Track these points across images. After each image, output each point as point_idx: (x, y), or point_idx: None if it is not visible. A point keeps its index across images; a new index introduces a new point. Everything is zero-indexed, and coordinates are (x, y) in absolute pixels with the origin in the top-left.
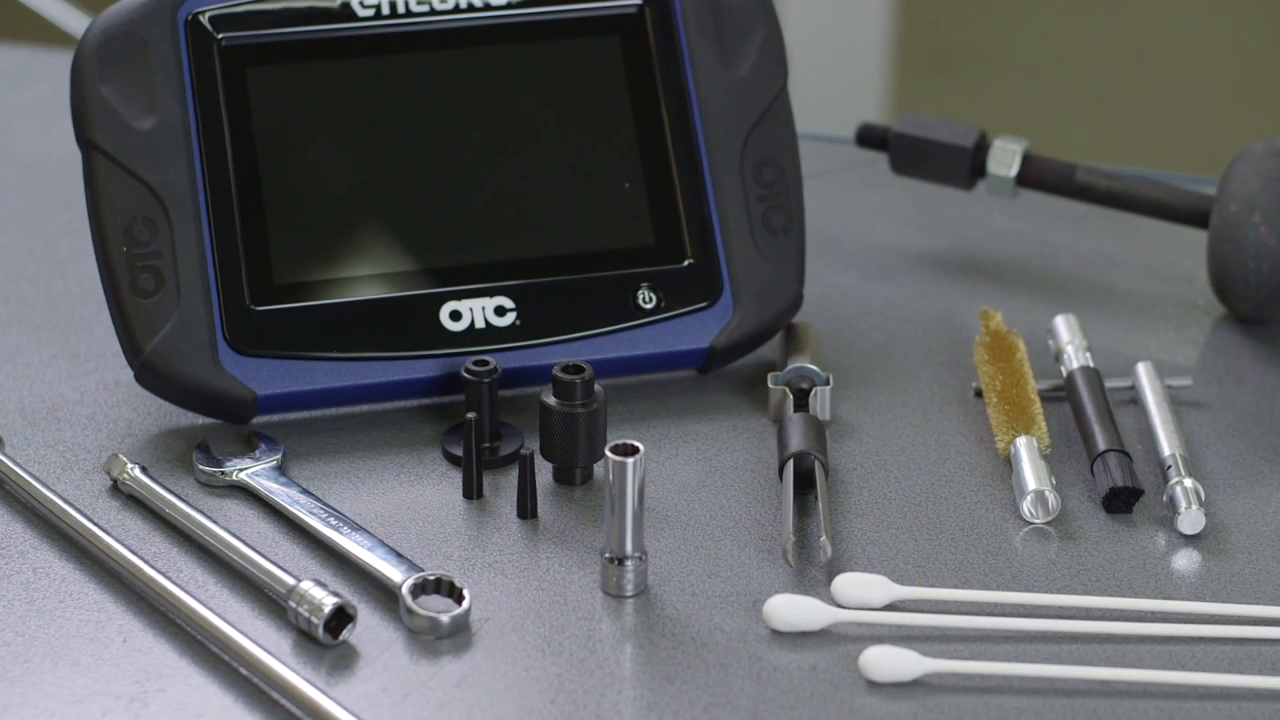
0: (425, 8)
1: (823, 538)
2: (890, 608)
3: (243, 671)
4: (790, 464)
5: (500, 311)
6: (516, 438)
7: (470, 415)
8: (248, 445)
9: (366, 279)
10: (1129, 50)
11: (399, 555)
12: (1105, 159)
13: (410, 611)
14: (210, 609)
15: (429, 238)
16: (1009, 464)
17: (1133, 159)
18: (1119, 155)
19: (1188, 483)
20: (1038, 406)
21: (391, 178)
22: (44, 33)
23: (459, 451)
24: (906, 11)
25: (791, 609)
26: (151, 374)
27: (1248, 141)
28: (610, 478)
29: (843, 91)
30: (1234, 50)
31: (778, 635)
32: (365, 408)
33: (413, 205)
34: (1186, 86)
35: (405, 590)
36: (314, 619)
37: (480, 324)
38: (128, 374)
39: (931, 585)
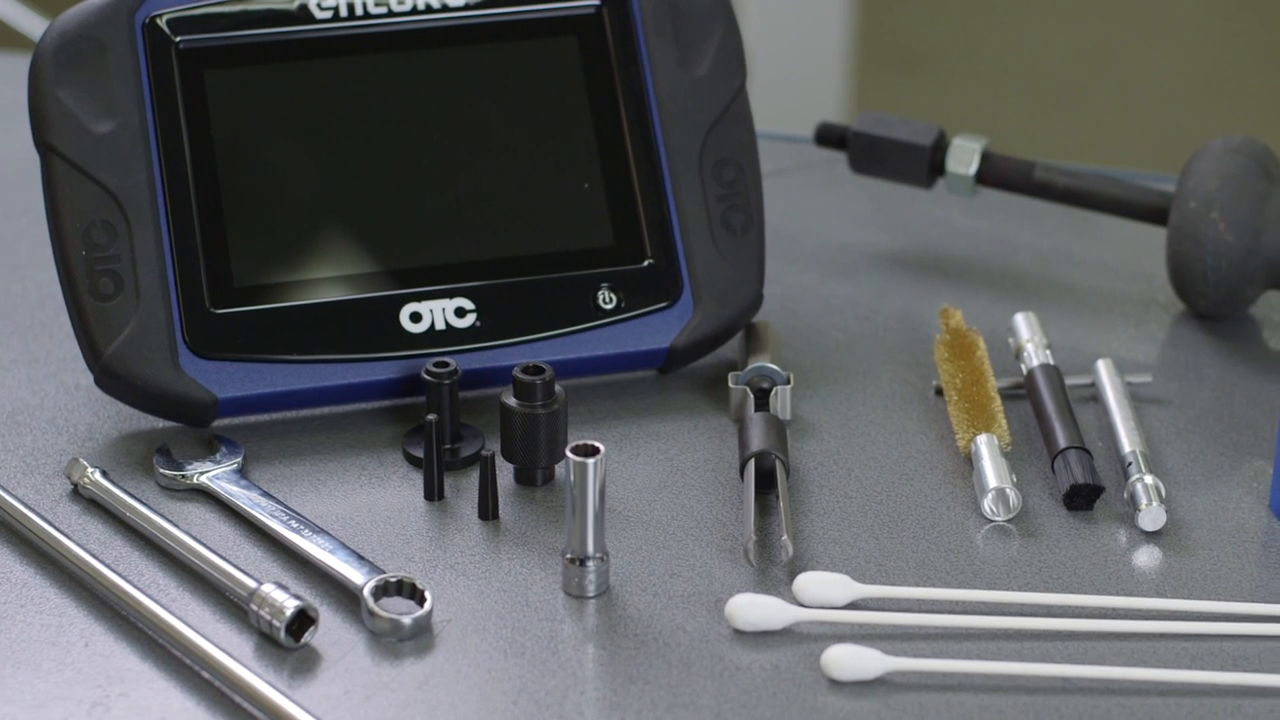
0: (383, 10)
1: (784, 537)
2: (852, 606)
3: (205, 675)
4: (751, 463)
5: (460, 313)
6: (477, 439)
7: (431, 417)
8: (208, 448)
9: (326, 281)
10: (1088, 48)
11: (360, 557)
12: (1064, 157)
13: (372, 613)
14: (172, 612)
15: (388, 239)
16: (970, 462)
17: (1092, 157)
18: (1078, 153)
19: (1148, 479)
20: (998, 404)
21: (350, 180)
22: (1, 36)
23: (420, 453)
24: (866, 10)
25: (753, 608)
26: (111, 378)
27: (1206, 139)
28: (571, 478)
29: (803, 91)
30: (1192, 48)
31: (740, 635)
32: (326, 410)
33: (372, 207)
34: (1145, 84)
35: (367, 592)
36: (276, 622)
37: (440, 325)
38: (88, 378)
39: (893, 584)
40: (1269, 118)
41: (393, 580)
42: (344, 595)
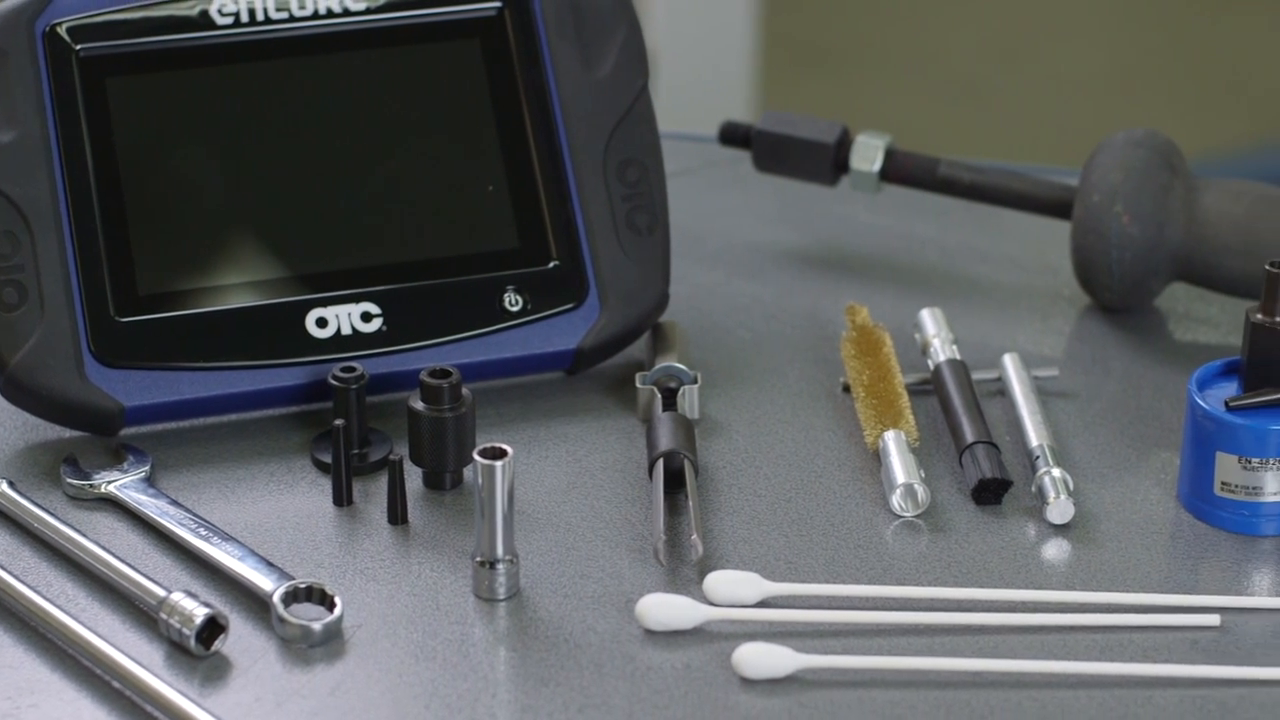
0: (284, 15)
1: (693, 536)
2: (762, 604)
3: (115, 685)
4: (660, 463)
5: (366, 317)
6: (385, 443)
7: (338, 422)
8: (116, 457)
9: (231, 288)
10: (992, 44)
11: (270, 564)
12: (970, 152)
13: (282, 620)
14: (81, 623)
15: (293, 245)
16: (878, 458)
17: (997, 152)
18: (984, 148)
19: (1056, 472)
20: (905, 400)
21: (254, 186)
22: None
23: (328, 459)
24: (770, 8)
25: (664, 608)
26: (16, 388)
27: (1110, 133)
28: (480, 481)
29: (709, 90)
30: (1095, 42)
31: (651, 635)
32: (233, 417)
33: (276, 213)
34: (1049, 79)
35: (277, 599)
36: (185, 630)
37: (346, 330)
38: None
39: (803, 581)
40: (1171, 111)
41: (302, 586)
42: (254, 602)
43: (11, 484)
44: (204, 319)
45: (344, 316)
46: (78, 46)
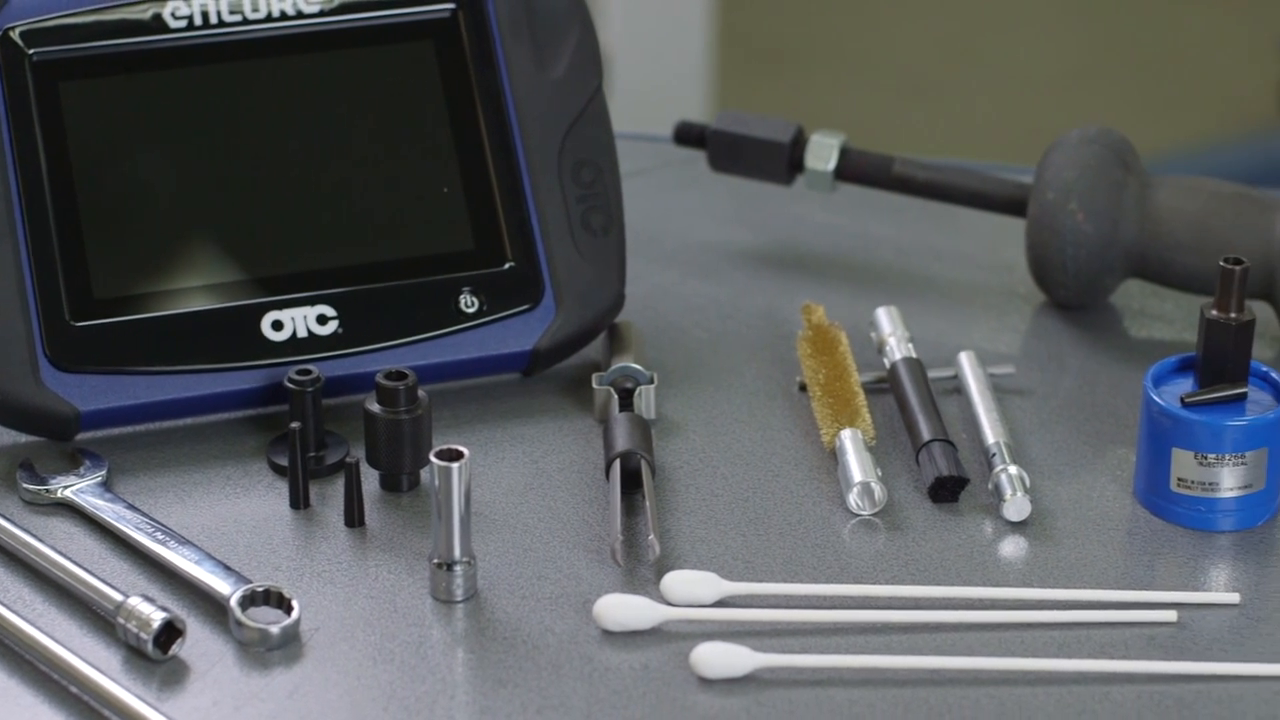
0: (238, 18)
1: (650, 536)
2: (720, 604)
3: (73, 690)
4: (616, 464)
5: (322, 320)
6: (342, 446)
7: (294, 425)
8: (72, 462)
9: (186, 291)
10: (947, 42)
11: (227, 568)
12: (926, 150)
13: (239, 624)
14: (38, 628)
15: (248, 248)
16: (834, 457)
17: (953, 150)
18: (940, 147)
19: (1012, 470)
20: (861, 399)
21: (209, 189)
22: None
23: (284, 462)
24: (725, 8)
25: (621, 609)
26: None
27: (1064, 130)
28: (436, 483)
29: (665, 91)
30: (1050, 41)
31: (609, 635)
32: (189, 421)
33: (231, 216)
34: (1004, 77)
35: (234, 602)
36: (143, 634)
37: (302, 333)
38: None
39: (761, 580)
40: (1125, 108)
41: (260, 590)
42: (211, 606)
43: None
44: (160, 323)
45: (299, 319)
46: (31, 51)
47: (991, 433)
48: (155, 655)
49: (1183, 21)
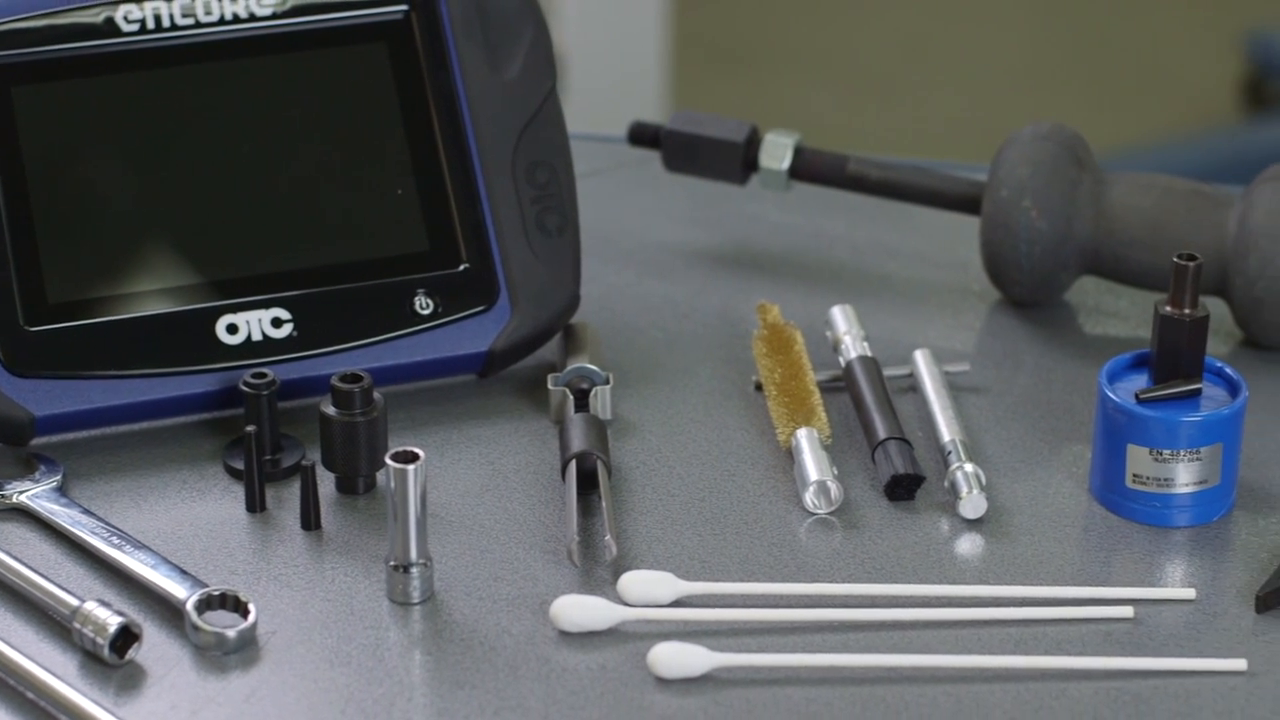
0: (190, 21)
1: (607, 537)
2: (677, 604)
3: (29, 695)
4: (572, 464)
5: (277, 323)
6: (298, 449)
7: (250, 428)
8: (27, 467)
9: (141, 295)
10: (902, 41)
11: (183, 572)
12: (883, 150)
13: (196, 628)
14: None
15: (203, 252)
16: (791, 456)
17: (909, 149)
18: (896, 145)
19: (968, 467)
20: (817, 398)
21: (163, 193)
22: None
23: (240, 465)
24: (681, 8)
25: (578, 609)
26: None
27: (1017, 128)
28: (392, 485)
29: (620, 91)
30: (1003, 39)
31: (566, 636)
32: (145, 425)
33: (185, 219)
34: (958, 75)
35: (190, 606)
36: (99, 639)
37: (257, 336)
38: None
39: (717, 580)
40: (1079, 105)
41: (216, 593)
42: (167, 610)
43: None
44: (114, 327)
45: (254, 322)
46: None
47: (947, 430)
48: (112, 660)
49: (1137, 19)
